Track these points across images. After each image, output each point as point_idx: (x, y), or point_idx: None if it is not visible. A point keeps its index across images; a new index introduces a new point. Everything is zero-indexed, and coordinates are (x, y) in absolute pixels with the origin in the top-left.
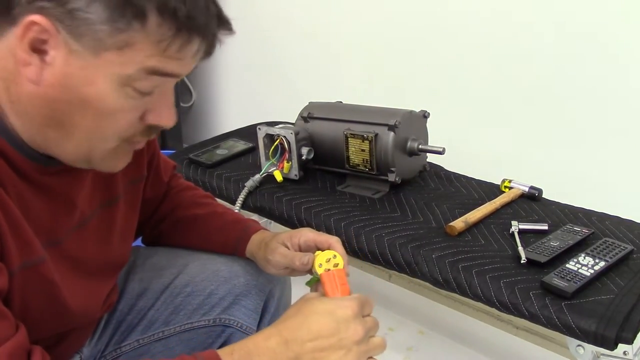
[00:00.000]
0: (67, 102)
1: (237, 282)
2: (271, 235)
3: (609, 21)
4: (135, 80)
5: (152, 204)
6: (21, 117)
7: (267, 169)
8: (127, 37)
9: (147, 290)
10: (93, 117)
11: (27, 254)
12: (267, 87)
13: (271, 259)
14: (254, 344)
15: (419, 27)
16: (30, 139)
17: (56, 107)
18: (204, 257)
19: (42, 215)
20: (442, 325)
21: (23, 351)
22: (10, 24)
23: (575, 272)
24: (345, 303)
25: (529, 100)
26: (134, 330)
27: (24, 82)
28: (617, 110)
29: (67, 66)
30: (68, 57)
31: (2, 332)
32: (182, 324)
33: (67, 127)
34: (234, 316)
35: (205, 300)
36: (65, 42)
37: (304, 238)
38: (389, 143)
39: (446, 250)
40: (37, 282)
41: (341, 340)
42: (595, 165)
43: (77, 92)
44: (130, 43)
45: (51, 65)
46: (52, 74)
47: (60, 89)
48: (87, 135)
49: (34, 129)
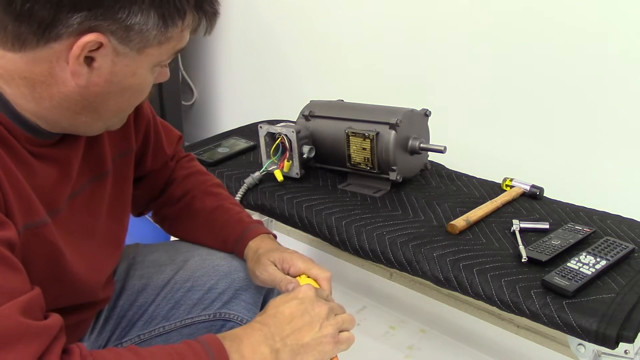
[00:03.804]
0: (109, 93)
1: (237, 277)
2: (265, 249)
3: (610, 21)
4: (164, 61)
5: (156, 177)
6: (47, 110)
7: (267, 167)
8: (169, 33)
9: (147, 286)
10: (128, 97)
11: (29, 216)
12: (269, 86)
13: (259, 275)
14: (241, 330)
15: (421, 26)
16: (47, 123)
17: (96, 99)
18: (204, 252)
19: (44, 184)
20: (443, 323)
21: (38, 308)
22: (51, 40)
23: (577, 270)
24: (303, 289)
25: (530, 99)
26: (135, 326)
27: (63, 84)
28: (619, 109)
29: (114, 66)
30: (115, 59)
31: (16, 284)
32: (182, 318)
33: (100, 111)
34: (234, 310)
35: (205, 295)
36: (113, 49)
37: (295, 269)
38: (390, 141)
39: (447, 248)
40: (39, 245)
41: (312, 317)
42: (596, 164)
43: (120, 84)
44: (169, 38)
45: (98, 69)
46: (98, 76)
47: (104, 85)
48: (116, 112)
49: (63, 117)
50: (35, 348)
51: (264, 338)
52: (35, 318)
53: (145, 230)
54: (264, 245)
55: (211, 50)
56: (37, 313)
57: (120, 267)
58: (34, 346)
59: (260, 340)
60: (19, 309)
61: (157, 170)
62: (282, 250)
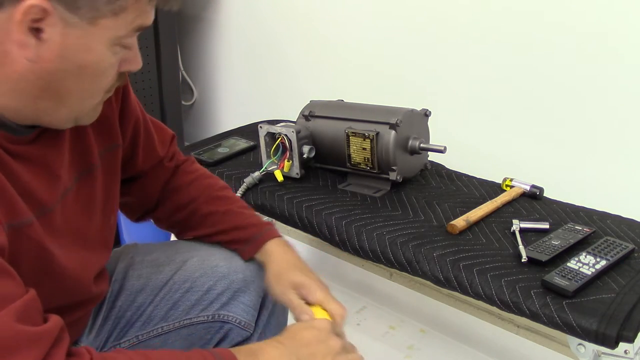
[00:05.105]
0: (64, 72)
1: (236, 278)
2: (286, 265)
3: (610, 21)
4: (124, 38)
5: (151, 179)
6: (6, 95)
7: (267, 167)
8: (122, 2)
9: (146, 286)
10: (88, 79)
11: (12, 216)
12: (269, 86)
13: (276, 294)
14: (257, 345)
15: (421, 26)
16: (11, 112)
17: (52, 79)
18: (203, 253)
19: (30, 185)
20: (443, 323)
21: (36, 311)
22: None
23: (577, 270)
24: (321, 320)
25: (530, 99)
26: (133, 326)
27: (15, 61)
28: (619, 109)
29: (64, 38)
30: (65, 30)
31: (9, 289)
32: (180, 319)
33: (61, 95)
34: (232, 312)
35: (203, 296)
36: (61, 17)
37: (313, 298)
38: (390, 141)
39: (447, 248)
40: (25, 244)
41: (327, 348)
42: (596, 164)
43: (75, 60)
44: (124, 7)
45: (48, 41)
46: (49, 49)
47: (58, 61)
48: (79, 97)
49: (23, 103)
50: (35, 355)
51: (279, 356)
52: (33, 322)
53: (144, 230)
54: (282, 257)
55: (211, 50)
56: (34, 317)
57: (119, 267)
58: (34, 353)
59: (276, 357)
60: (14, 315)
61: (150, 170)
62: (303, 271)
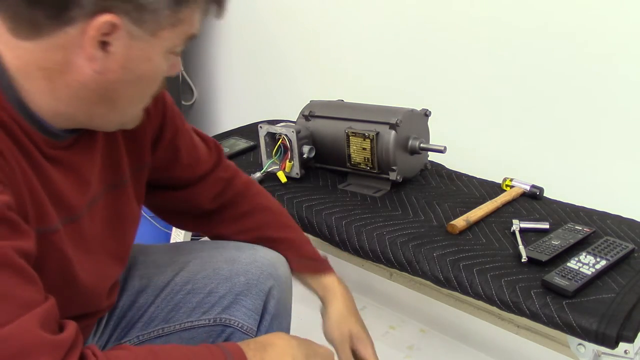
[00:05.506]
0: (124, 81)
1: (238, 281)
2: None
3: (610, 22)
4: (177, 47)
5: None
6: (64, 101)
7: (268, 167)
8: (181, 15)
9: (147, 286)
10: (143, 87)
11: (41, 221)
12: (269, 86)
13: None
14: (265, 338)
15: (421, 26)
16: (60, 116)
17: (111, 87)
18: (205, 255)
19: (61, 189)
20: (443, 323)
21: (54, 319)
22: (65, 24)
23: (577, 270)
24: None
25: (530, 99)
26: (134, 327)
27: (79, 71)
28: (619, 109)
29: (128, 50)
30: (129, 43)
31: (32, 295)
32: (182, 322)
33: (115, 101)
34: (234, 316)
35: (205, 298)
36: (127, 31)
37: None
38: (390, 141)
39: (447, 248)
40: (49, 251)
41: None
42: (596, 164)
43: (136, 70)
44: (182, 19)
45: (113, 54)
46: (114, 60)
47: (120, 72)
48: (131, 102)
49: (79, 108)
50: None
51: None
52: (52, 330)
53: (145, 230)
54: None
55: (211, 50)
56: (53, 324)
57: None
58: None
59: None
60: (37, 321)
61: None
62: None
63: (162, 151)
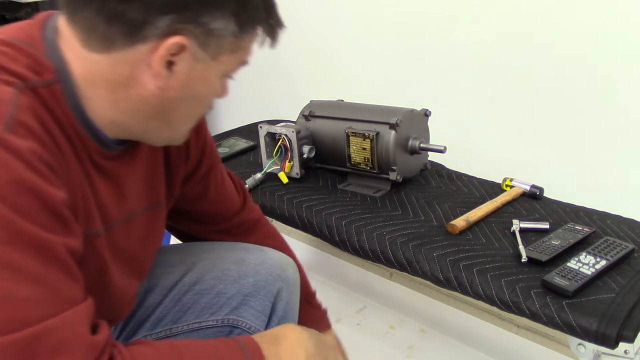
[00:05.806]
0: (182, 99)
1: (246, 282)
2: None
3: (610, 22)
4: (232, 71)
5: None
6: (124, 112)
7: (268, 168)
8: (242, 42)
9: (155, 286)
10: (197, 106)
11: (87, 224)
12: (269, 86)
13: None
14: (279, 330)
15: (421, 26)
16: (116, 127)
17: (170, 104)
18: (214, 255)
19: (104, 197)
20: (443, 323)
21: (91, 319)
22: (138, 41)
23: (577, 270)
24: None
25: (530, 99)
26: (142, 327)
27: (143, 86)
28: (619, 110)
29: (191, 71)
30: (192, 64)
31: (76, 293)
32: (190, 322)
33: (171, 117)
34: (242, 317)
35: (213, 299)
36: (192, 53)
37: None
38: (390, 141)
39: (447, 248)
40: (91, 254)
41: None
42: (596, 164)
43: (194, 90)
44: (241, 46)
45: (177, 73)
46: (176, 79)
47: (180, 90)
48: (184, 120)
49: (136, 121)
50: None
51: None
52: (90, 329)
53: None
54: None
55: None
56: (90, 324)
57: None
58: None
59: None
60: (80, 318)
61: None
62: None
63: (193, 184)
